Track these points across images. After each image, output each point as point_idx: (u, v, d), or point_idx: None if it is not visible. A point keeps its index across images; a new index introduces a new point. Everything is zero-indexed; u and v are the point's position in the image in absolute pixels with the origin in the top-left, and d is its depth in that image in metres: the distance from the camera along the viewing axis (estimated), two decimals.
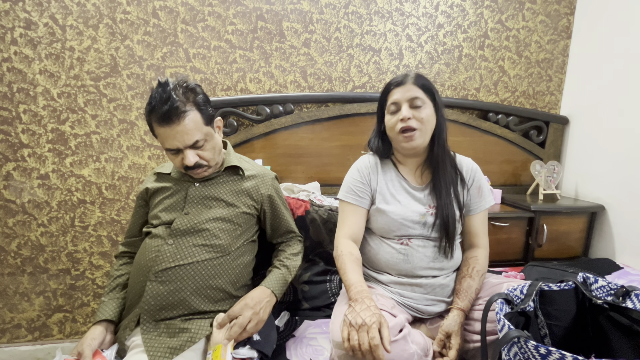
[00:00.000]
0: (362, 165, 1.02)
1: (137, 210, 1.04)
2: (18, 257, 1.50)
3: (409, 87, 0.92)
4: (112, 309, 0.91)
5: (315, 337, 1.03)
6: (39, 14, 1.37)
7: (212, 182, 0.98)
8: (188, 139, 0.86)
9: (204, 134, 0.89)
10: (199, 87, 0.91)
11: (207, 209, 0.95)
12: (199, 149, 0.89)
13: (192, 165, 0.88)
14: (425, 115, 0.91)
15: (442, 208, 0.93)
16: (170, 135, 0.85)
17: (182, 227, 0.91)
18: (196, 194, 0.96)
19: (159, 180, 1.02)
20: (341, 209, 1.03)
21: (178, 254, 0.88)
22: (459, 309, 0.88)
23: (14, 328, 1.54)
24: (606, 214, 1.61)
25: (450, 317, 0.86)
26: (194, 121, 0.86)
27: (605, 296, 0.75)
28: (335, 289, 1.24)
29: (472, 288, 0.91)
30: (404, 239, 0.96)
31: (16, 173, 1.45)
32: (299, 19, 1.57)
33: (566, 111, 1.85)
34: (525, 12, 1.76)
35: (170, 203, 0.96)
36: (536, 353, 0.54)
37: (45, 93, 1.42)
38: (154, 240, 0.91)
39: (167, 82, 0.85)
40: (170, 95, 0.83)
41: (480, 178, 1.01)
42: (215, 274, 0.91)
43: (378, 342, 0.69)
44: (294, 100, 1.58)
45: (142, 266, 0.89)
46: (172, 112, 0.82)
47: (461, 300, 0.89)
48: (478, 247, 1.00)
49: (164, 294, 0.85)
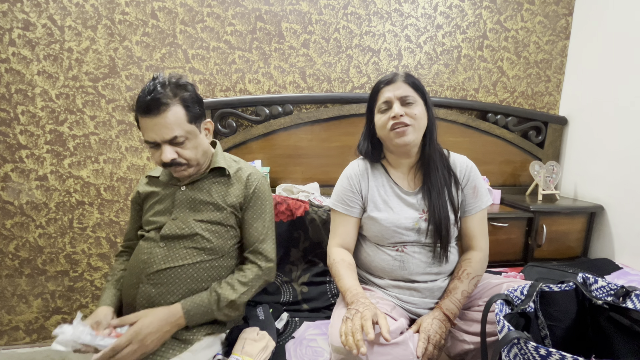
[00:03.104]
0: (352, 173, 1.00)
1: (133, 215, 1.04)
2: (16, 258, 1.49)
3: (399, 85, 0.92)
4: (116, 298, 0.93)
5: (315, 338, 1.03)
6: (37, 14, 1.36)
7: (199, 185, 0.95)
8: (166, 133, 0.83)
9: (186, 131, 0.85)
10: (191, 86, 0.89)
11: (195, 212, 0.92)
12: (179, 145, 0.86)
13: (168, 161, 0.85)
14: (417, 112, 0.91)
15: (436, 212, 0.91)
16: (149, 126, 0.83)
17: (171, 233, 0.89)
18: (183, 198, 0.93)
19: (149, 183, 1.00)
20: (333, 218, 1.03)
21: (169, 256, 0.88)
22: (438, 306, 0.88)
23: (12, 330, 1.54)
24: (605, 214, 1.61)
25: (429, 313, 0.87)
26: (176, 116, 0.83)
27: (605, 296, 0.74)
28: (334, 290, 1.23)
29: (457, 289, 0.89)
30: (398, 245, 0.94)
31: (14, 174, 1.44)
32: (298, 19, 1.57)
33: (565, 112, 1.86)
34: (524, 12, 1.76)
35: (160, 208, 0.95)
36: (536, 354, 0.54)
37: (44, 94, 1.41)
38: (147, 243, 0.91)
39: (158, 76, 0.85)
40: (155, 87, 0.82)
41: (476, 177, 0.98)
42: (208, 276, 0.90)
43: (368, 319, 0.71)
44: (293, 101, 1.57)
45: (135, 268, 0.89)
46: (153, 103, 0.81)
47: (442, 299, 0.90)
48: (474, 249, 0.97)
49: (156, 296, 0.85)
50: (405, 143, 0.91)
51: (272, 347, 0.91)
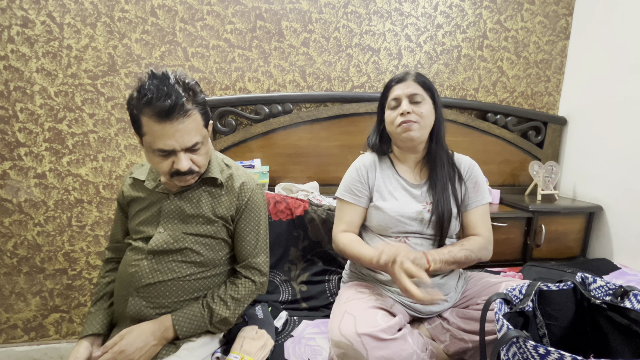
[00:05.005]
0: (361, 165, 1.04)
1: (118, 215, 0.98)
2: (14, 256, 1.49)
3: (409, 84, 0.95)
4: (100, 322, 0.87)
5: (314, 337, 1.03)
6: (36, 12, 1.36)
7: (188, 195, 0.88)
8: (188, 140, 0.77)
9: (203, 137, 0.81)
10: (198, 86, 0.82)
11: (184, 224, 0.86)
12: (195, 152, 0.81)
13: (185, 170, 0.78)
14: (424, 110, 0.94)
15: (439, 204, 0.94)
16: (169, 133, 0.75)
17: (158, 248, 0.84)
18: (171, 207, 0.87)
19: (134, 186, 0.93)
20: (339, 207, 1.04)
21: (157, 270, 0.83)
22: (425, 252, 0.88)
23: (10, 328, 1.53)
24: (604, 214, 1.62)
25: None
26: (196, 122, 0.78)
27: (603, 296, 0.75)
28: (333, 289, 1.23)
29: (446, 247, 0.92)
30: (401, 236, 0.96)
31: (12, 172, 1.44)
32: (298, 18, 1.57)
33: (564, 112, 1.86)
34: (524, 12, 1.76)
35: (145, 217, 0.89)
36: (535, 353, 0.54)
37: (42, 91, 1.41)
38: (134, 254, 0.86)
39: (167, 75, 0.76)
40: (174, 89, 0.74)
41: (478, 174, 1.02)
42: (200, 286, 0.87)
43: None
44: (292, 99, 1.57)
45: (124, 279, 0.86)
46: (176, 108, 0.73)
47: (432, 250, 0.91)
48: (476, 235, 0.98)
49: (147, 308, 0.83)
50: (411, 138, 0.94)
51: (271, 346, 0.91)
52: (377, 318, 0.79)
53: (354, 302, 0.88)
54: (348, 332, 0.76)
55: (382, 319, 0.80)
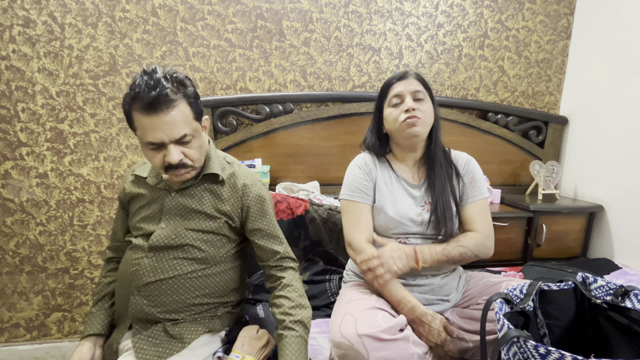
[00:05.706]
0: (362, 162, 1.02)
1: (119, 213, 0.97)
2: (16, 256, 1.49)
3: (411, 81, 0.95)
4: (101, 322, 0.87)
5: (315, 336, 1.03)
6: (37, 11, 1.36)
7: (190, 192, 0.88)
8: (175, 132, 0.76)
9: (193, 129, 0.80)
10: (189, 80, 0.82)
11: (185, 221, 0.86)
12: (185, 145, 0.80)
13: (176, 163, 0.78)
14: (427, 108, 0.94)
15: (438, 203, 0.94)
16: (156, 125, 0.75)
17: (159, 244, 0.84)
18: (173, 204, 0.87)
19: (136, 183, 0.93)
20: (349, 210, 0.99)
21: (158, 268, 0.83)
22: (415, 250, 0.90)
23: (13, 327, 1.54)
24: (605, 214, 1.61)
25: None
26: (184, 113, 0.77)
27: (604, 296, 0.75)
28: (334, 289, 1.24)
29: (440, 245, 0.92)
30: (402, 237, 0.96)
31: (14, 172, 1.44)
32: (298, 18, 1.57)
33: (565, 111, 1.86)
34: (525, 12, 1.76)
35: (147, 214, 0.88)
36: (535, 353, 0.54)
37: (44, 91, 1.41)
38: (134, 252, 0.86)
39: (155, 69, 0.76)
40: (159, 82, 0.74)
41: (475, 169, 1.01)
42: (201, 284, 0.87)
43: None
44: (293, 99, 1.57)
45: (125, 279, 0.86)
46: (161, 99, 0.73)
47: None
48: (473, 231, 0.97)
49: (148, 307, 0.83)
50: (416, 134, 0.93)
51: (273, 345, 0.91)
52: (377, 319, 0.79)
53: (354, 303, 0.88)
54: (349, 333, 0.76)
55: (382, 319, 0.80)
